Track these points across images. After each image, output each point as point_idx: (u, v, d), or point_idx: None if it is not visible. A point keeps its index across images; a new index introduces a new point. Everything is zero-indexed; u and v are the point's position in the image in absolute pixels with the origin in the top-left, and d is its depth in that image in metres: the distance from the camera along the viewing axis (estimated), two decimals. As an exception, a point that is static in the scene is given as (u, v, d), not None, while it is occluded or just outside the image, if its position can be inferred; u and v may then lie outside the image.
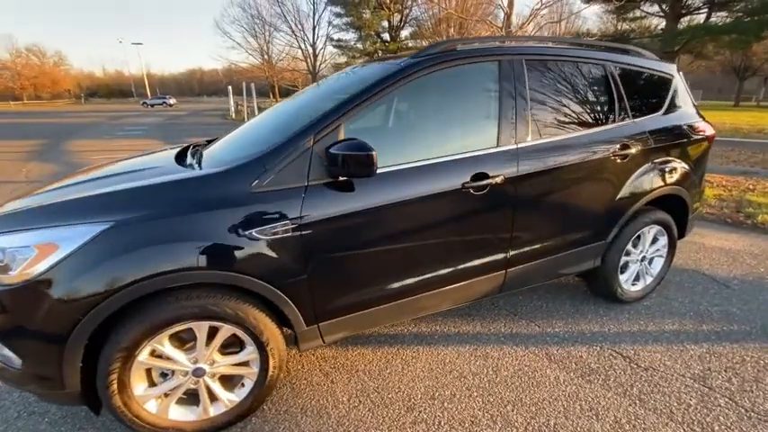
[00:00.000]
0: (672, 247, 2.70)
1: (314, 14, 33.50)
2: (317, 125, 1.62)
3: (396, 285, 1.85)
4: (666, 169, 2.45)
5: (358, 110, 1.68)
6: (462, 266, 1.97)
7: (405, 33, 33.42)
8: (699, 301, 2.74)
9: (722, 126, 13.36)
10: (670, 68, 2.58)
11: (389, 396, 1.90)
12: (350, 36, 35.03)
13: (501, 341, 2.32)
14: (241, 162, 1.59)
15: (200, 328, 1.54)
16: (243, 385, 1.72)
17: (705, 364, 2.11)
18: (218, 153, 2.01)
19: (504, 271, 2.11)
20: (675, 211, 2.64)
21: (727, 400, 1.85)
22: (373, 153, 1.47)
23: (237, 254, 1.48)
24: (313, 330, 1.75)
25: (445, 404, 1.85)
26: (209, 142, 2.42)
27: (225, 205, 1.49)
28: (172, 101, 47.42)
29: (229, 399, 1.69)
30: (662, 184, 2.44)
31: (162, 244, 1.41)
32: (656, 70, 2.50)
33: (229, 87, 23.36)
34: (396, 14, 32.16)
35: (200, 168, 1.77)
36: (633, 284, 2.68)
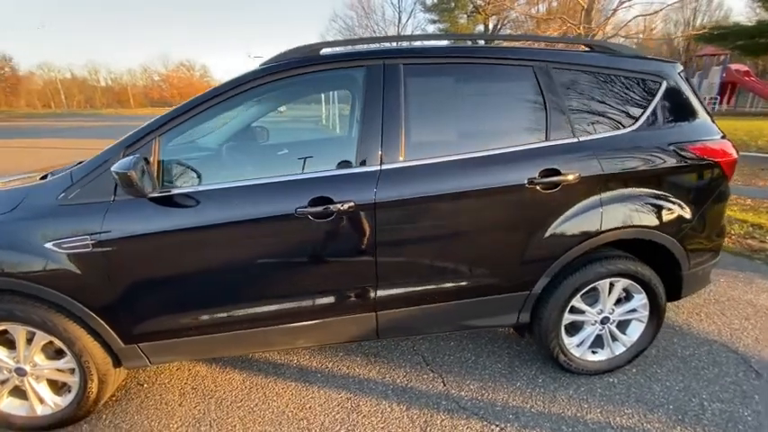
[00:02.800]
0: (656, 308, 1.98)
1: (398, 22, 33.82)
2: (128, 139, 1.57)
3: (227, 314, 1.69)
4: (634, 204, 1.80)
5: (178, 122, 1.59)
6: (311, 303, 1.72)
7: (501, 37, 31.88)
8: (697, 390, 1.96)
9: None
10: (660, 68, 1.87)
11: (218, 433, 1.75)
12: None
13: (385, 394, 1.96)
14: (58, 175, 1.62)
15: (15, 331, 1.61)
16: (69, 391, 1.75)
17: (638, 486, 1.48)
18: None
19: (373, 313, 1.78)
20: (662, 261, 1.94)
21: None
22: (129, 172, 1.36)
23: (35, 265, 1.51)
24: (133, 350, 1.69)
25: (264, 457, 1.63)
26: None
27: (32, 217, 1.53)
28: (281, 108, 52.87)
29: (55, 402, 1.74)
30: (623, 224, 1.79)
31: None
32: (633, 71, 1.84)
33: (322, 95, 25.11)
34: (492, 18, 30.86)
35: None
36: (593, 352, 2.04)
